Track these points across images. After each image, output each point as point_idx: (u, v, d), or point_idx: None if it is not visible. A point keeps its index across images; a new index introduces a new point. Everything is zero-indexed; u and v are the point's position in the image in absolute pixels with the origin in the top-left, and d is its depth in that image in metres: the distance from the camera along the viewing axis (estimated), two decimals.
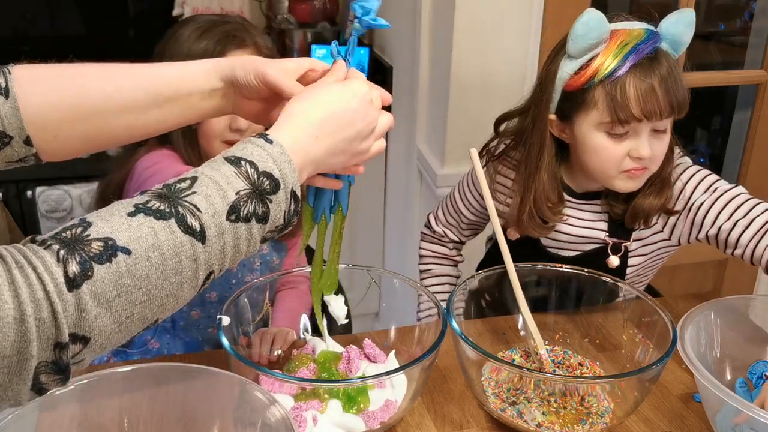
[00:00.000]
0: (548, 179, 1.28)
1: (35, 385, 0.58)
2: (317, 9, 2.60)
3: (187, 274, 0.64)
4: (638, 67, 1.15)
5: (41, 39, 2.75)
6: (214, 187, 0.66)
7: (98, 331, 0.59)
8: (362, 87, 0.81)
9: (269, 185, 0.70)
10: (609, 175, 1.23)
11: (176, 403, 0.93)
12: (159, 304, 0.63)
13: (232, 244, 0.67)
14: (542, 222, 1.30)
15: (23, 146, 0.79)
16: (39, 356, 0.56)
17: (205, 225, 0.65)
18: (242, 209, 0.67)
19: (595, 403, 1.03)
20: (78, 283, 0.57)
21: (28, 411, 0.85)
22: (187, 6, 2.53)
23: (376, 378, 0.99)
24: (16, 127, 0.78)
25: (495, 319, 1.24)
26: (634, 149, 1.19)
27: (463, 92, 1.92)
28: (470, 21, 1.84)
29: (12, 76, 0.79)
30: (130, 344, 1.39)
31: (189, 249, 0.63)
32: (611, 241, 1.32)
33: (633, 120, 1.16)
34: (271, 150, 0.71)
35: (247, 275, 1.38)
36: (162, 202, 0.64)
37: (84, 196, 2.30)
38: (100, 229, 0.60)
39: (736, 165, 2.31)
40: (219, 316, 1.02)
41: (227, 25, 1.27)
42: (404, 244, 2.40)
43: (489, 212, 1.11)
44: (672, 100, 1.16)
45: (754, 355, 1.10)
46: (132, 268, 0.60)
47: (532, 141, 1.28)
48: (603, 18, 1.16)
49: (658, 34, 1.18)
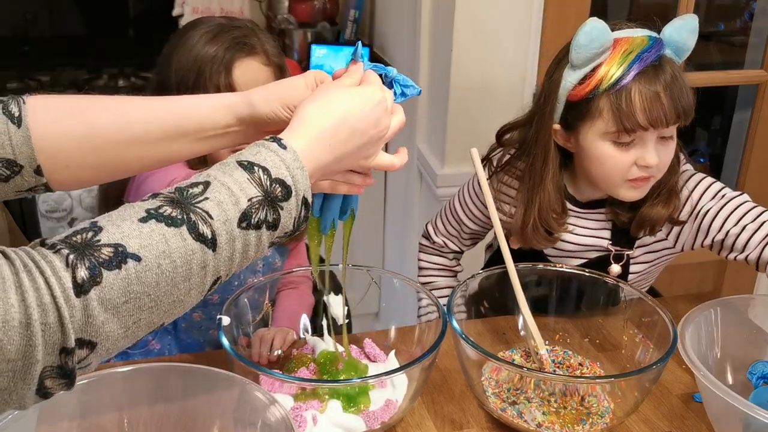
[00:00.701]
0: (553, 190, 1.27)
1: (40, 390, 0.58)
2: (317, 9, 2.60)
3: (195, 281, 0.64)
4: (643, 75, 1.15)
5: (41, 39, 2.75)
6: (226, 193, 0.66)
7: (105, 336, 0.59)
8: (377, 93, 0.80)
9: (281, 192, 0.69)
10: (614, 184, 1.23)
11: (176, 403, 0.93)
12: (166, 309, 0.63)
13: (241, 251, 0.67)
14: (547, 234, 1.30)
15: (33, 175, 0.79)
16: (44, 361, 0.56)
17: (216, 232, 0.64)
18: (253, 216, 0.67)
19: (595, 403, 1.03)
20: (86, 289, 0.57)
21: (28, 411, 0.84)
22: (187, 6, 2.53)
23: (376, 378, 0.99)
24: (27, 156, 0.77)
25: (495, 319, 1.24)
26: (641, 158, 1.18)
27: (463, 92, 1.92)
28: (470, 21, 1.84)
29: (26, 105, 0.78)
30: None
31: (200, 256, 0.63)
32: (614, 250, 1.32)
33: (639, 128, 1.16)
34: (284, 156, 0.70)
35: (249, 277, 1.37)
36: (174, 207, 0.63)
37: (84, 195, 2.29)
38: (110, 234, 0.60)
39: (736, 165, 2.31)
40: (219, 316, 1.02)
41: (237, 31, 1.26)
42: (404, 244, 2.40)
43: (489, 211, 1.11)
44: (677, 106, 1.16)
45: (754, 355, 1.10)
46: (141, 275, 0.60)
47: (536, 152, 1.27)
48: (605, 27, 1.16)
49: (661, 40, 1.18)
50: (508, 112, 1.93)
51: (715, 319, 1.07)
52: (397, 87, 0.86)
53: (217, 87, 1.22)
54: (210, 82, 1.22)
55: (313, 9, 2.59)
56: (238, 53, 1.24)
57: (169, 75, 1.25)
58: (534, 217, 1.27)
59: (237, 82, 1.23)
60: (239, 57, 1.24)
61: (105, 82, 2.47)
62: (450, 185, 1.97)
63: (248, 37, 1.26)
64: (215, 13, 2.60)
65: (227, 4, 2.63)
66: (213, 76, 1.22)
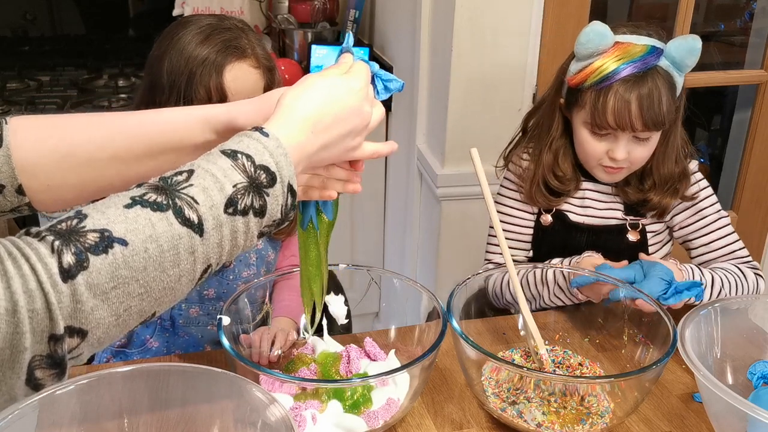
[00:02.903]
0: (554, 155, 1.39)
1: (30, 381, 0.57)
2: (317, 9, 2.60)
3: (185, 267, 0.64)
4: (625, 81, 1.24)
5: (41, 39, 2.75)
6: (211, 179, 0.66)
7: (95, 323, 0.58)
8: (358, 82, 0.79)
9: (266, 179, 0.69)
10: (590, 166, 1.37)
11: (176, 403, 0.93)
12: (157, 296, 0.62)
13: (230, 238, 0.67)
14: (548, 194, 1.40)
15: (16, 195, 0.79)
16: (33, 349, 0.55)
17: (202, 217, 0.64)
18: (240, 202, 0.67)
19: (595, 403, 1.03)
20: (73, 274, 0.56)
21: (28, 411, 0.84)
22: (188, 6, 2.53)
23: (376, 378, 0.99)
24: (8, 176, 0.77)
25: (495, 319, 1.24)
26: (611, 150, 1.30)
27: (463, 92, 1.92)
28: (470, 21, 1.84)
29: (7, 125, 0.78)
30: (129, 343, 1.39)
31: (187, 241, 0.63)
32: (629, 219, 1.41)
33: (609, 128, 1.28)
34: (267, 143, 0.70)
35: (243, 270, 1.38)
36: (159, 194, 0.64)
37: None
38: (95, 220, 0.60)
39: (736, 165, 2.31)
40: (219, 315, 1.02)
41: (227, 33, 1.27)
42: (404, 244, 2.40)
43: (489, 212, 1.11)
44: (647, 118, 1.25)
45: (754, 355, 1.10)
46: (129, 259, 0.59)
47: (544, 117, 1.42)
48: (604, 31, 1.25)
49: (661, 51, 1.26)
50: (508, 112, 1.95)
51: (715, 319, 1.07)
52: (379, 83, 0.85)
53: (208, 90, 1.24)
54: (201, 85, 1.24)
55: (313, 9, 2.59)
56: (229, 57, 1.25)
57: (160, 77, 1.26)
58: (537, 177, 1.40)
59: (228, 86, 1.25)
60: (230, 61, 1.25)
61: (105, 82, 2.47)
62: (450, 185, 1.97)
63: (238, 40, 1.28)
64: (215, 13, 2.61)
65: (227, 4, 2.63)
66: (204, 79, 1.24)
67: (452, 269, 2.06)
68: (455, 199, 1.99)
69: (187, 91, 1.23)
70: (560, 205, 1.43)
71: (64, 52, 2.72)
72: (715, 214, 1.40)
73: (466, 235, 2.01)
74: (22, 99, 2.29)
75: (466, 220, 2.01)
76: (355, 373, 1.07)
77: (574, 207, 1.43)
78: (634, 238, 1.41)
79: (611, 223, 1.42)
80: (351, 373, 1.07)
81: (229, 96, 1.25)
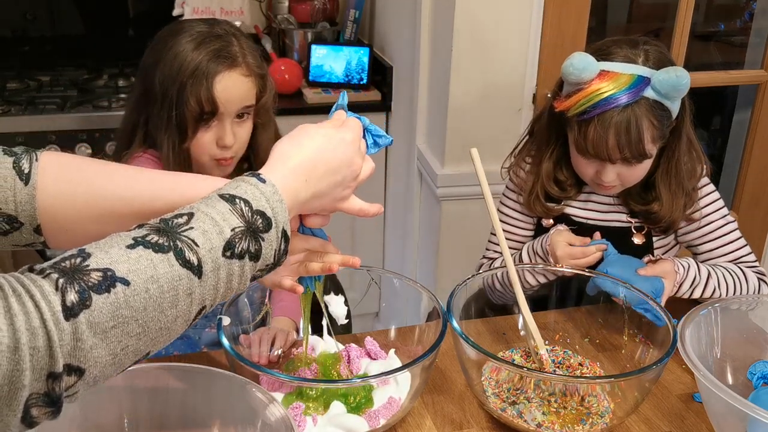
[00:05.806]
0: (561, 157, 1.39)
1: (26, 419, 0.57)
2: (317, 9, 2.59)
3: (182, 308, 0.64)
4: (605, 114, 1.23)
5: (41, 39, 2.75)
6: (210, 223, 0.67)
7: (93, 362, 0.59)
8: (351, 135, 0.83)
9: (262, 224, 0.70)
10: (586, 180, 1.37)
11: (176, 403, 0.93)
12: (153, 336, 0.63)
13: (225, 280, 0.68)
14: (547, 202, 1.40)
15: (33, 233, 0.79)
16: (31, 387, 0.55)
17: (202, 260, 0.65)
18: (237, 246, 0.68)
19: (595, 403, 1.03)
20: (75, 312, 0.57)
21: None
22: (188, 6, 2.53)
23: (376, 378, 0.99)
24: (29, 215, 0.78)
25: (495, 319, 1.24)
26: (599, 172, 1.31)
27: (463, 92, 1.92)
28: (470, 21, 1.84)
29: (38, 162, 0.78)
30: None
31: (186, 283, 0.64)
32: (633, 222, 1.40)
33: (591, 157, 1.28)
34: (264, 189, 0.72)
35: None
36: (161, 235, 0.64)
37: None
38: (99, 259, 0.60)
39: (736, 165, 2.31)
40: (219, 316, 1.02)
41: (218, 41, 1.28)
42: (404, 244, 2.40)
43: (489, 211, 1.11)
44: (624, 151, 1.24)
45: (754, 355, 1.10)
46: (130, 299, 0.60)
47: (545, 127, 1.40)
48: (587, 64, 1.24)
49: (647, 81, 1.23)
50: (508, 112, 1.95)
51: (715, 319, 1.07)
52: (369, 137, 0.88)
53: (199, 101, 1.26)
54: (192, 96, 1.25)
55: (313, 9, 2.59)
56: (220, 66, 1.26)
57: (153, 85, 1.28)
58: (536, 188, 1.40)
59: (218, 96, 1.27)
60: (220, 71, 1.26)
61: (105, 82, 2.47)
62: (450, 185, 1.97)
63: (229, 48, 1.28)
64: (215, 13, 2.60)
65: (227, 4, 2.63)
66: (195, 90, 1.25)
67: (452, 269, 2.05)
68: (455, 199, 1.99)
69: (178, 101, 1.26)
70: (558, 214, 1.43)
71: (63, 52, 2.72)
72: (720, 220, 1.40)
73: (466, 235, 2.01)
74: (22, 99, 2.29)
75: (466, 220, 2.01)
76: (355, 373, 1.07)
77: (577, 210, 1.43)
78: (640, 241, 1.40)
79: (616, 225, 1.41)
80: (352, 374, 1.07)
81: (219, 106, 1.27)
